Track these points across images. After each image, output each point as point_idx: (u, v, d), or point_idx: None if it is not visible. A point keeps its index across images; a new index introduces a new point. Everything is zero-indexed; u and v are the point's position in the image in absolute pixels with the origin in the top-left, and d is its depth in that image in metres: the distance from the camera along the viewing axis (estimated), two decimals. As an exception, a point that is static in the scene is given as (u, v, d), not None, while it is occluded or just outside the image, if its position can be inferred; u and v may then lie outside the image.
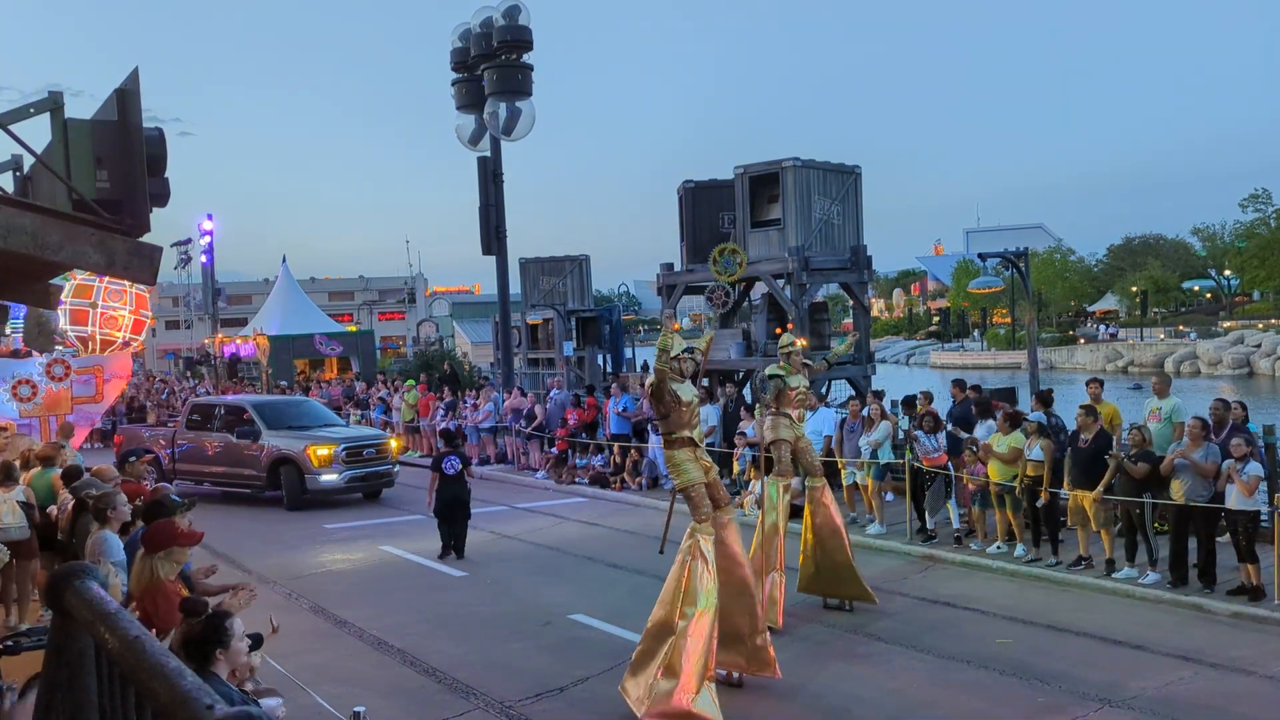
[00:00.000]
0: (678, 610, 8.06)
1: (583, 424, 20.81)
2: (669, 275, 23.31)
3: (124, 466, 11.01)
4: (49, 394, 18.43)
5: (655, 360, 8.49)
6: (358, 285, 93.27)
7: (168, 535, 6.44)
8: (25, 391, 18.22)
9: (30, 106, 6.07)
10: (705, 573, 8.13)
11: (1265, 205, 76.03)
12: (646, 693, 7.93)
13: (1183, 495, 10.95)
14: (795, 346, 11.33)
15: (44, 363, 19.15)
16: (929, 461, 13.86)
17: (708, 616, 8.03)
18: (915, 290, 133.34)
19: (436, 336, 47.66)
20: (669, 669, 7.92)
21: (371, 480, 19.28)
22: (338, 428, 20.45)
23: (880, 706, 8.35)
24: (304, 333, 39.91)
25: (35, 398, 18.33)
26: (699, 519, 8.38)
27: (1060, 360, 69.06)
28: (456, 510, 14.19)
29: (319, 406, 22.30)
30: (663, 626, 8.15)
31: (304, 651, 9.75)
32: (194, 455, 20.43)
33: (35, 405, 18.40)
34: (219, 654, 4.63)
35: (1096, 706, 8.13)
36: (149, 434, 21.76)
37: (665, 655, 7.97)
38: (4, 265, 6.45)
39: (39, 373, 18.56)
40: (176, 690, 2.25)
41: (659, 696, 7.86)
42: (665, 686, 7.88)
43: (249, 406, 20.29)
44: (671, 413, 8.51)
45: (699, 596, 8.05)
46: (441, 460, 14.31)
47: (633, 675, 8.21)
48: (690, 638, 7.94)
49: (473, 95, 25.65)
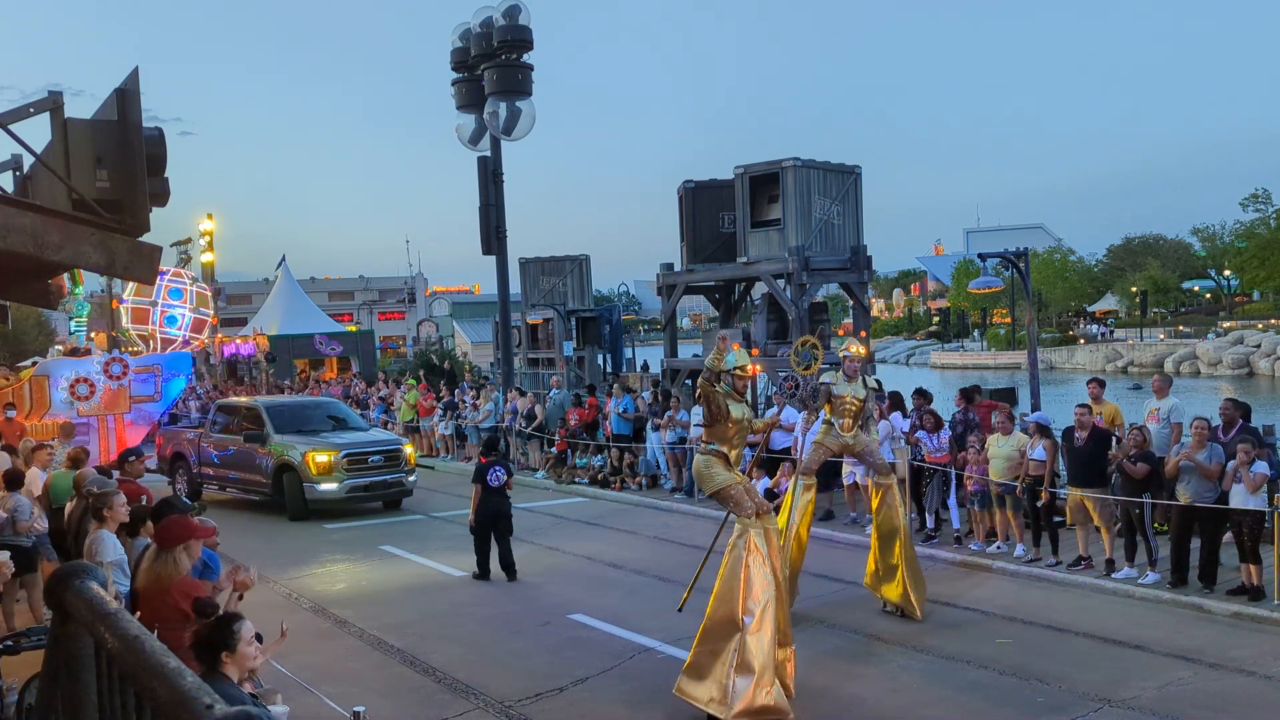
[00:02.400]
0: (741, 606, 8.01)
1: (583, 424, 20.81)
2: (669, 275, 23.31)
3: (124, 466, 10.99)
4: (107, 392, 18.24)
5: (702, 375, 8.60)
6: (358, 285, 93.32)
7: (183, 530, 6.42)
8: (83, 390, 18.06)
9: (30, 106, 6.07)
10: (763, 565, 8.13)
11: (1265, 205, 76.04)
12: (724, 694, 7.84)
13: (1188, 497, 10.93)
14: (850, 353, 11.02)
15: (102, 361, 18.91)
16: (931, 459, 13.88)
17: (771, 608, 8.03)
18: (915, 290, 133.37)
19: (436, 336, 47.72)
20: (744, 666, 7.86)
21: (377, 490, 18.11)
22: (352, 432, 19.07)
23: (880, 706, 8.35)
24: (304, 332, 39.93)
25: (93, 396, 18.16)
26: (744, 514, 8.34)
27: (1060, 360, 69.07)
28: (500, 525, 12.89)
29: (342, 409, 20.92)
30: (726, 624, 8.07)
31: (304, 651, 9.76)
32: (214, 460, 19.54)
33: (93, 404, 18.22)
34: (225, 657, 4.63)
35: (1096, 706, 8.13)
36: (191, 435, 20.58)
37: (736, 653, 7.91)
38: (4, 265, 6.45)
39: (97, 371, 18.35)
40: (176, 690, 2.25)
41: (741, 694, 7.80)
42: (744, 684, 7.83)
43: (262, 408, 19.25)
44: (716, 423, 8.51)
45: (761, 590, 8.05)
46: (486, 472, 12.91)
47: (696, 679, 8.10)
48: (759, 634, 7.93)
49: (473, 95, 25.64)
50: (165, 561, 6.24)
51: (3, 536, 10.07)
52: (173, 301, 21.77)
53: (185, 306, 21.90)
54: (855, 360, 11.00)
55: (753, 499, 8.57)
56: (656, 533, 15.52)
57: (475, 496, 12.89)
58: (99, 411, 18.39)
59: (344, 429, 19.18)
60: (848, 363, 10.95)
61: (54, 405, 17.98)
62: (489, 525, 12.84)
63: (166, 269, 23.15)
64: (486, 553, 12.88)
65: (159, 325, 21.69)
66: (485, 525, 12.84)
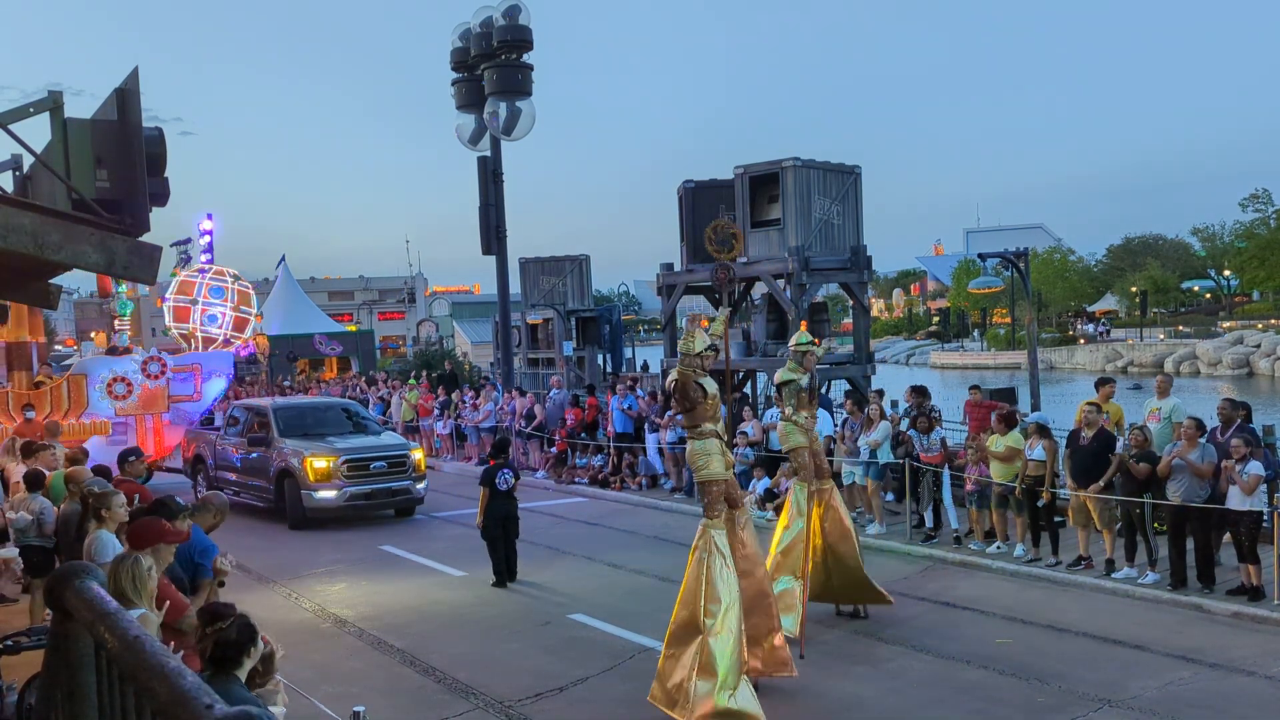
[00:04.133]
0: (703, 609, 7.97)
1: (582, 424, 20.81)
2: (669, 275, 23.32)
3: (123, 466, 10.98)
4: (145, 392, 17.97)
5: (679, 363, 8.53)
6: (358, 285, 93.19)
7: (153, 533, 6.38)
8: (120, 389, 17.77)
9: (30, 106, 6.08)
10: (725, 568, 8.10)
11: (1265, 205, 75.96)
12: (685, 697, 7.80)
13: (1178, 496, 10.94)
14: (814, 347, 10.81)
15: (140, 360, 18.57)
16: (926, 459, 13.90)
17: (734, 612, 7.98)
18: (915, 290, 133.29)
19: (436, 336, 47.71)
20: (704, 669, 7.81)
21: (379, 499, 17.07)
22: (362, 436, 17.94)
23: (880, 706, 8.36)
24: (304, 332, 39.94)
25: (130, 396, 17.87)
26: (712, 515, 8.36)
27: (1060, 360, 69.04)
28: (509, 528, 12.74)
29: (359, 410, 19.85)
30: (688, 627, 8.04)
31: (304, 651, 9.76)
32: (226, 463, 18.86)
33: (131, 403, 17.92)
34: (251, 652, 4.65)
35: (1096, 706, 8.13)
36: (212, 437, 19.72)
37: (696, 656, 7.87)
38: (4, 265, 6.45)
39: (135, 369, 18.06)
40: (176, 689, 2.25)
41: (700, 699, 7.75)
42: (704, 688, 7.77)
43: (269, 410, 18.38)
44: (698, 406, 8.50)
45: (722, 593, 8.01)
46: (495, 474, 12.70)
47: (662, 682, 8.08)
48: (720, 635, 7.89)
49: (473, 95, 25.68)
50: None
51: (27, 538, 10.09)
52: (214, 300, 21.45)
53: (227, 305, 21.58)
54: (815, 354, 10.77)
55: (732, 492, 8.64)
56: (656, 533, 15.52)
57: (483, 499, 12.70)
58: (137, 411, 18.08)
59: (358, 432, 18.15)
60: (808, 357, 10.62)
61: (91, 404, 17.72)
62: (498, 529, 12.65)
63: (208, 267, 22.71)
64: (500, 558, 12.64)
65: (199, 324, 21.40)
66: (495, 530, 12.65)
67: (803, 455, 10.45)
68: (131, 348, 19.67)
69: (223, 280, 21.87)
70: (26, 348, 19.29)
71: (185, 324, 21.50)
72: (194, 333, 21.37)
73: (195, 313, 21.28)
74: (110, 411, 17.72)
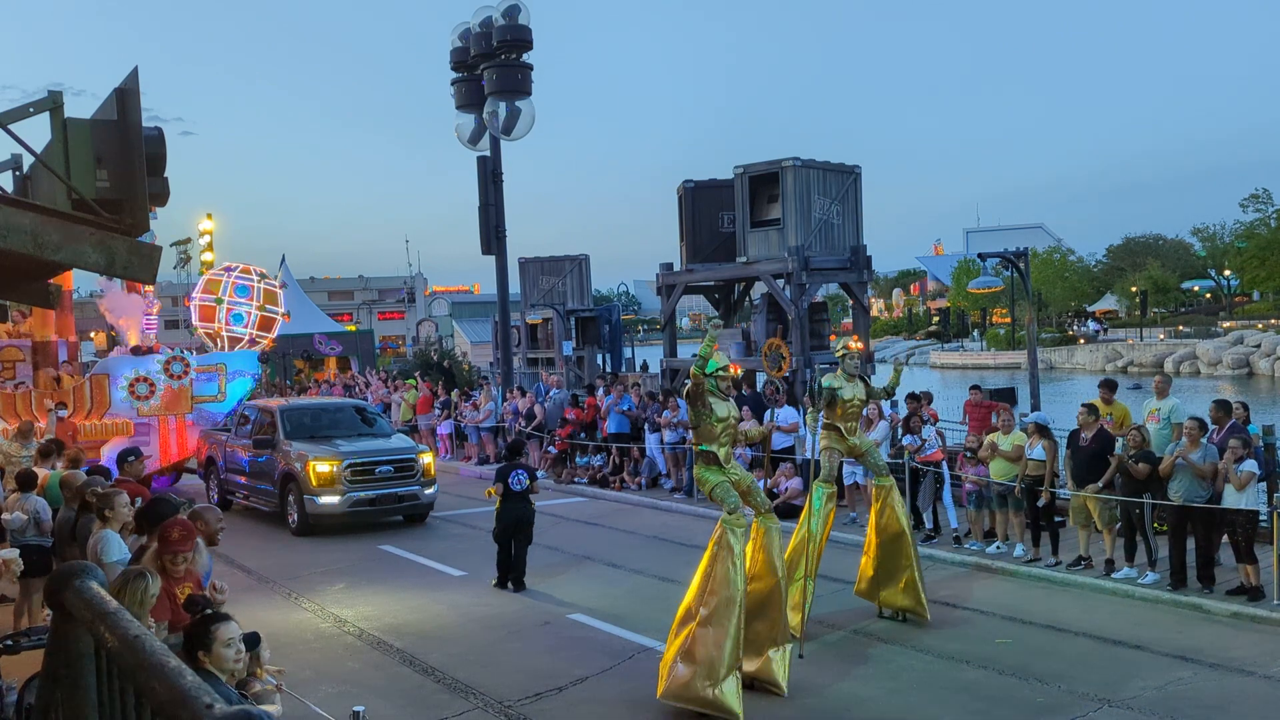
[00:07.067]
0: (700, 598, 8.17)
1: (582, 424, 20.80)
2: (669, 275, 23.29)
3: (123, 466, 10.99)
4: (168, 392, 17.73)
5: (694, 365, 8.53)
6: (357, 285, 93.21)
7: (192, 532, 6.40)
8: (143, 390, 17.51)
9: (30, 106, 6.08)
10: (730, 565, 8.14)
11: (1265, 205, 75.99)
12: (666, 673, 8.14)
13: (1180, 496, 10.95)
14: (850, 351, 10.85)
15: (164, 359, 18.26)
16: (922, 459, 13.91)
17: (732, 607, 8.03)
18: (915, 290, 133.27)
19: (436, 336, 47.70)
20: (686, 654, 8.03)
21: (385, 504, 16.28)
22: (371, 439, 17.29)
23: (880, 706, 8.36)
24: (304, 332, 39.91)
25: (153, 396, 17.63)
26: (728, 510, 8.40)
27: (1060, 360, 69.03)
28: (521, 532, 12.33)
29: (372, 412, 19.17)
30: (685, 613, 8.31)
31: (303, 651, 9.76)
32: (236, 465, 18.14)
33: (154, 404, 17.67)
34: (202, 656, 4.60)
35: (1096, 706, 8.13)
36: (225, 439, 18.89)
37: (683, 641, 8.10)
38: (4, 265, 6.45)
39: (158, 369, 17.82)
40: (176, 689, 2.25)
41: (675, 680, 8.02)
42: (682, 672, 8.01)
43: (276, 411, 17.52)
44: (701, 423, 8.54)
45: (720, 586, 8.08)
46: (509, 475, 12.28)
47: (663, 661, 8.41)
48: (709, 626, 7.99)
49: (472, 95, 25.63)
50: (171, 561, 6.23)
51: (25, 537, 10.08)
52: (239, 299, 21.17)
53: (252, 304, 21.32)
54: (855, 358, 10.93)
55: (753, 500, 8.68)
56: (656, 533, 15.53)
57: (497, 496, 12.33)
58: (160, 412, 17.78)
59: (368, 435, 17.51)
60: (847, 361, 10.86)
61: (114, 405, 17.47)
62: (510, 532, 12.29)
63: (234, 265, 22.29)
64: (508, 564, 12.33)
65: (225, 323, 21.10)
66: (507, 533, 12.29)
67: (830, 457, 10.72)
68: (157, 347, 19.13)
69: (249, 279, 21.59)
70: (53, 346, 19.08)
71: (210, 323, 21.20)
72: (219, 332, 21.16)
73: (220, 311, 21.03)
74: (133, 412, 17.51)
